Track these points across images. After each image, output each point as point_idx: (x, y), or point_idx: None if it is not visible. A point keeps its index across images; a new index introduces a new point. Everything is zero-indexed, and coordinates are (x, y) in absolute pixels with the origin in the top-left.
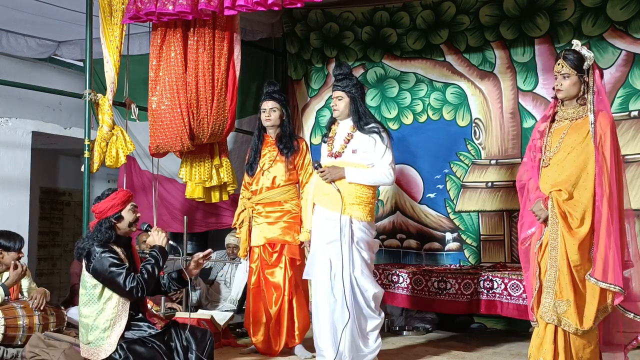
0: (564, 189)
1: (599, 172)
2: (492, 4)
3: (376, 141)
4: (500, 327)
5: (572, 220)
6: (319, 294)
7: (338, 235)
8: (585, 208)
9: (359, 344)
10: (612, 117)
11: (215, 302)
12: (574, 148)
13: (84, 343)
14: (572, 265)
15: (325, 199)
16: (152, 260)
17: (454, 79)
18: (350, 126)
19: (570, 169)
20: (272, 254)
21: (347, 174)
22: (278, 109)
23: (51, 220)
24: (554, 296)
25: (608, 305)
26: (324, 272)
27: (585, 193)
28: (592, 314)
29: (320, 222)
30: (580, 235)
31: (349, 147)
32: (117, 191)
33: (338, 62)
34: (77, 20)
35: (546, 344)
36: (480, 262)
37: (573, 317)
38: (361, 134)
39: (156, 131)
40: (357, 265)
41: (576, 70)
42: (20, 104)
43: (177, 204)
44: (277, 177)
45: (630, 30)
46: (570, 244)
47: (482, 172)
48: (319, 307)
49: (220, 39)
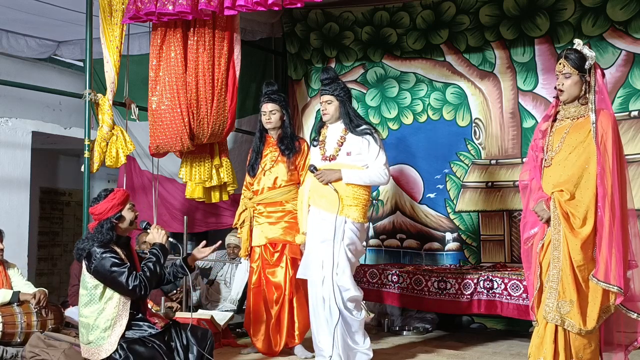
0: (566, 189)
1: (601, 172)
2: (492, 4)
3: (369, 142)
4: (500, 327)
5: (574, 221)
6: (314, 294)
7: (331, 235)
8: (587, 208)
9: (348, 342)
10: (614, 116)
11: (215, 302)
12: (576, 147)
13: (85, 343)
14: (575, 265)
15: (322, 201)
16: (153, 258)
17: (454, 79)
18: (341, 129)
19: (572, 168)
20: (274, 254)
21: (344, 175)
22: (278, 110)
23: (51, 220)
24: (557, 297)
25: (610, 305)
26: (317, 272)
27: (587, 193)
28: (595, 314)
29: (316, 222)
30: (582, 235)
31: (342, 150)
32: (115, 191)
33: (324, 67)
34: (77, 20)
35: (546, 343)
36: (480, 262)
37: (576, 318)
38: (354, 135)
39: (156, 131)
40: (341, 264)
41: (578, 69)
42: (20, 104)
43: (177, 204)
44: (278, 177)
45: (630, 30)
46: (573, 244)
47: (482, 172)
48: (316, 307)
49: (220, 39)
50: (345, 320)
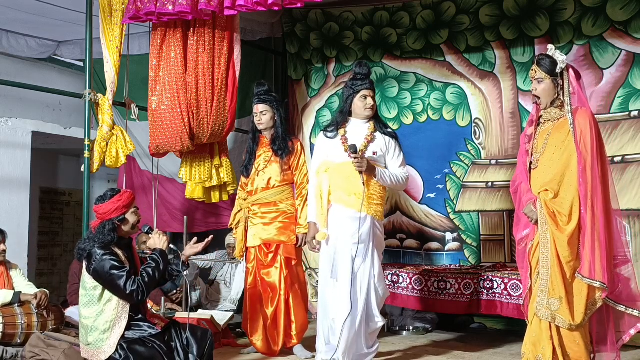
0: (550, 189)
1: (582, 171)
2: (492, 4)
3: (395, 147)
4: (500, 327)
5: (560, 218)
6: (338, 294)
7: (367, 235)
8: (571, 204)
9: (362, 344)
10: (592, 113)
11: (215, 302)
12: (558, 147)
13: (84, 344)
14: (563, 261)
15: (350, 199)
16: (153, 264)
17: (454, 79)
18: (367, 127)
19: (556, 168)
20: (268, 255)
21: (378, 173)
22: (268, 111)
23: (51, 220)
24: (547, 294)
25: (596, 299)
26: (346, 272)
27: (570, 189)
28: (582, 307)
29: (342, 221)
30: (568, 231)
31: (370, 148)
32: (121, 193)
33: (358, 61)
34: (77, 20)
35: (543, 340)
36: (480, 262)
37: (566, 313)
38: (382, 135)
39: (156, 131)
40: (376, 264)
41: (549, 74)
42: (20, 104)
43: (177, 204)
44: (272, 178)
45: (630, 30)
46: (560, 241)
47: (482, 172)
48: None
49: (220, 39)
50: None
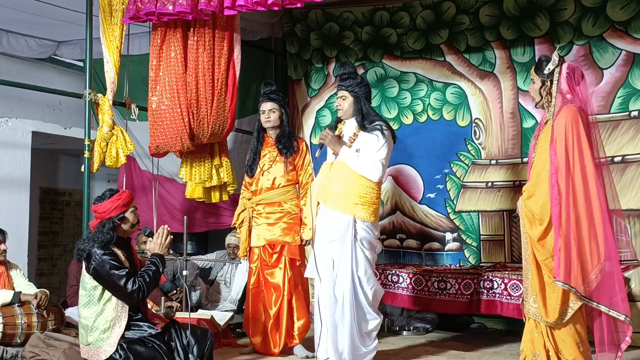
0: (527, 189)
1: (552, 173)
2: (492, 4)
3: (378, 137)
4: (500, 327)
5: (531, 218)
6: (322, 294)
7: (341, 235)
8: (543, 204)
9: (357, 344)
10: (577, 109)
11: (215, 302)
12: (543, 148)
13: (84, 344)
14: (538, 259)
15: (329, 199)
16: (153, 267)
17: (454, 79)
18: (354, 126)
19: (535, 169)
20: (272, 255)
21: (342, 152)
22: (277, 109)
23: (51, 220)
24: (530, 292)
25: (570, 299)
26: (326, 272)
27: (542, 191)
28: (556, 305)
29: (323, 221)
30: (539, 231)
31: (353, 147)
32: (120, 192)
33: (342, 62)
34: (77, 20)
35: (537, 338)
36: (480, 262)
37: (541, 309)
38: (365, 133)
39: (156, 131)
40: (360, 264)
41: (539, 75)
42: (20, 104)
43: (177, 204)
44: (276, 177)
45: (630, 30)
46: (532, 240)
47: (482, 172)
48: (321, 307)
49: (220, 39)
50: (362, 319)
